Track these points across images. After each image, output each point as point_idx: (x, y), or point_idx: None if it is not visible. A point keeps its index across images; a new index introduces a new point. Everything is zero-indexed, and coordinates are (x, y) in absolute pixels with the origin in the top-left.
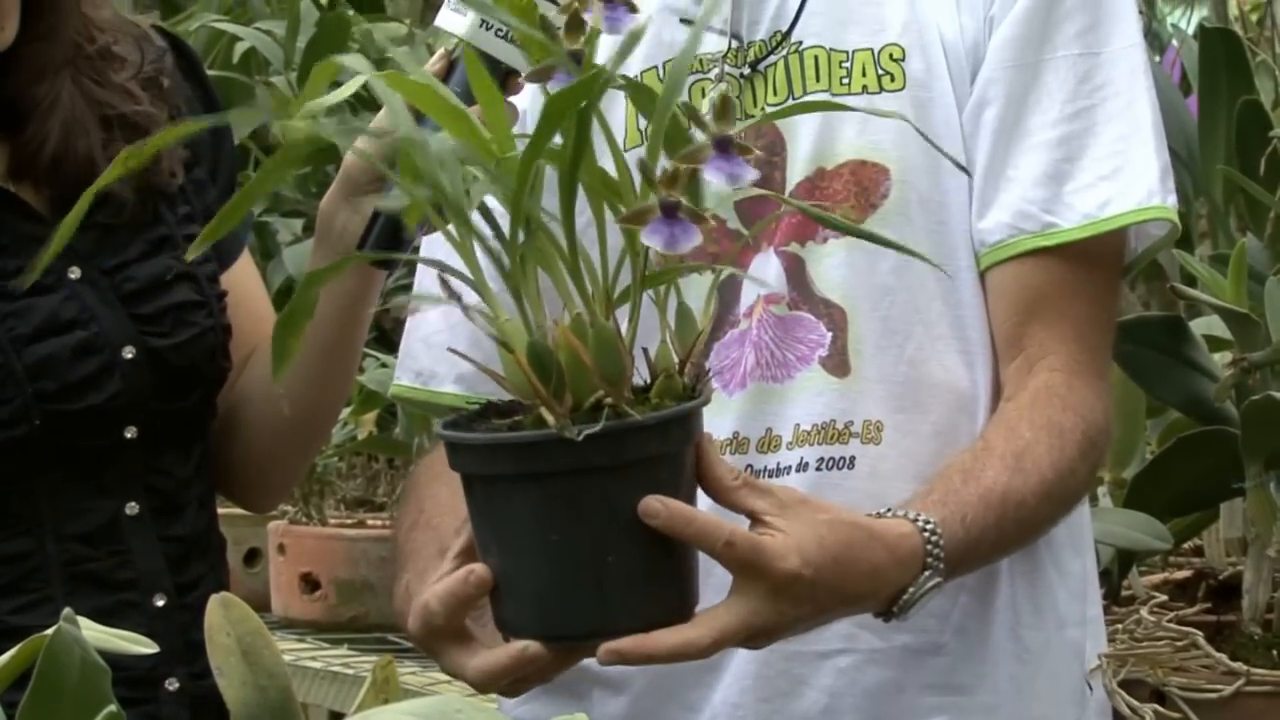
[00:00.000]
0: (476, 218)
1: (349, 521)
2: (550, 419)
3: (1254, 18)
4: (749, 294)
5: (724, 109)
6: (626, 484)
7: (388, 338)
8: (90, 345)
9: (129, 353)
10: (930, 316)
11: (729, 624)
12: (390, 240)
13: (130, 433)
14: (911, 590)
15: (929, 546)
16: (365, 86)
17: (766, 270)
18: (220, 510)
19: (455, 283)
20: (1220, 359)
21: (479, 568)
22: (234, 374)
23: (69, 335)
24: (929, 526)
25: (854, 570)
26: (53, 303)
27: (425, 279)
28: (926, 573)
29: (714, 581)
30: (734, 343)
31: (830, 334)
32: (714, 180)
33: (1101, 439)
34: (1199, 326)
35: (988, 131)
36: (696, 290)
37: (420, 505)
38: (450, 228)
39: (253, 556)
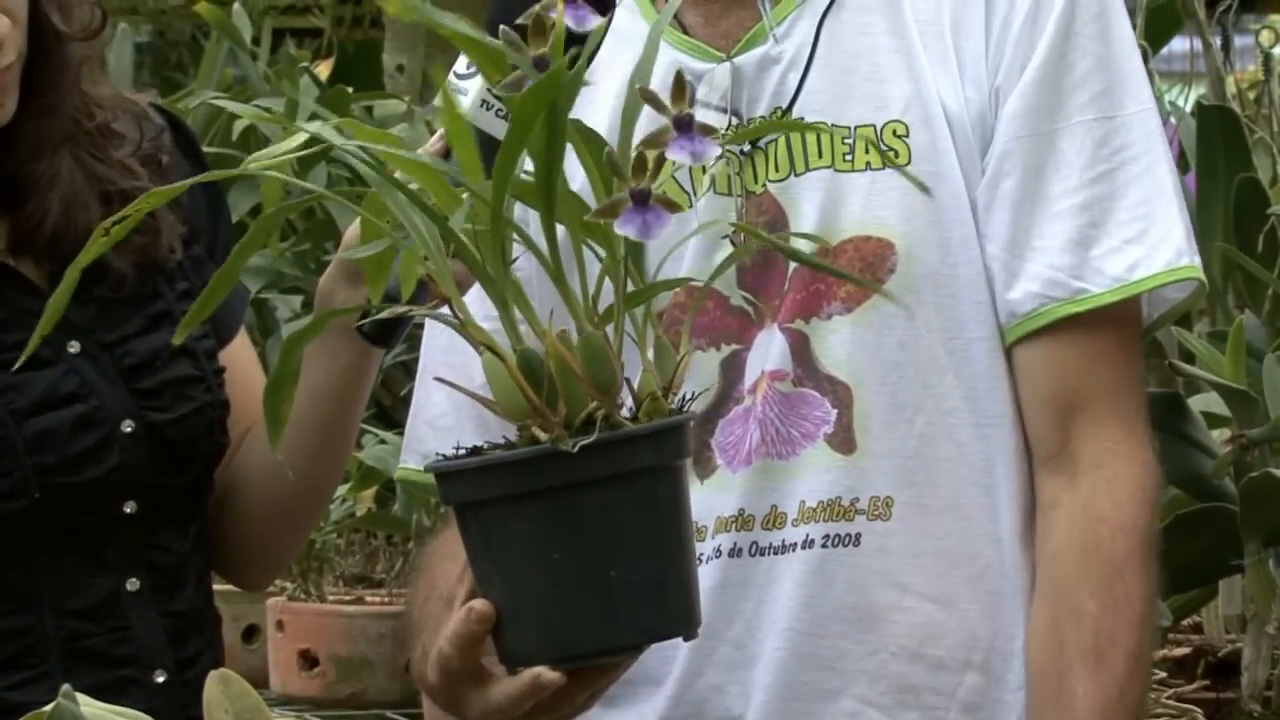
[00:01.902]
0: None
1: (348, 598)
2: (543, 436)
3: (1251, 95)
4: (753, 370)
5: (679, 89)
6: (624, 497)
7: (387, 414)
8: (89, 419)
9: (128, 427)
10: (941, 390)
11: None
12: (388, 321)
13: (129, 507)
14: None
15: None
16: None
17: (770, 347)
18: (218, 586)
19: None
20: (1219, 436)
21: (478, 603)
22: (230, 450)
23: (68, 409)
24: None
25: None
26: (52, 376)
27: (429, 360)
28: None
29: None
30: (738, 419)
31: (835, 411)
32: (678, 159)
33: (1149, 495)
34: (1197, 403)
35: (1007, 204)
36: (702, 369)
37: (432, 582)
38: (427, 259)
39: (251, 633)
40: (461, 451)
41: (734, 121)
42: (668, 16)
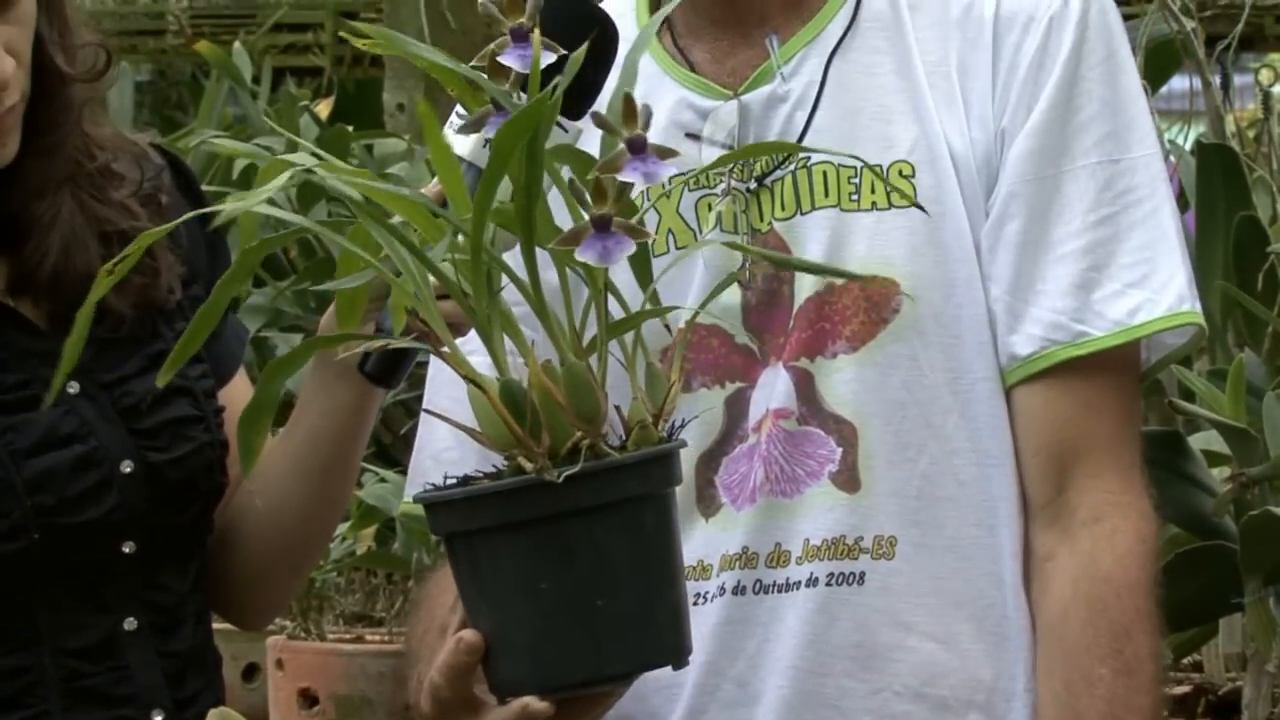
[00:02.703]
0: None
1: (348, 637)
2: (528, 466)
3: (1251, 134)
4: (758, 408)
5: (628, 109)
6: (611, 526)
7: (387, 452)
8: (89, 460)
9: (127, 467)
10: (946, 430)
11: None
12: (390, 361)
13: (128, 547)
14: None
15: None
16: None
17: (775, 385)
18: (217, 625)
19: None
20: (1219, 474)
21: (467, 633)
22: (230, 490)
23: (68, 449)
24: None
25: None
26: (52, 417)
27: (434, 393)
28: None
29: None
30: (742, 457)
31: (840, 450)
32: (631, 180)
33: (1150, 559)
34: (1197, 441)
35: (1011, 246)
36: (707, 406)
37: (431, 613)
38: (410, 285)
39: (251, 672)
40: (451, 481)
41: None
42: (648, 34)
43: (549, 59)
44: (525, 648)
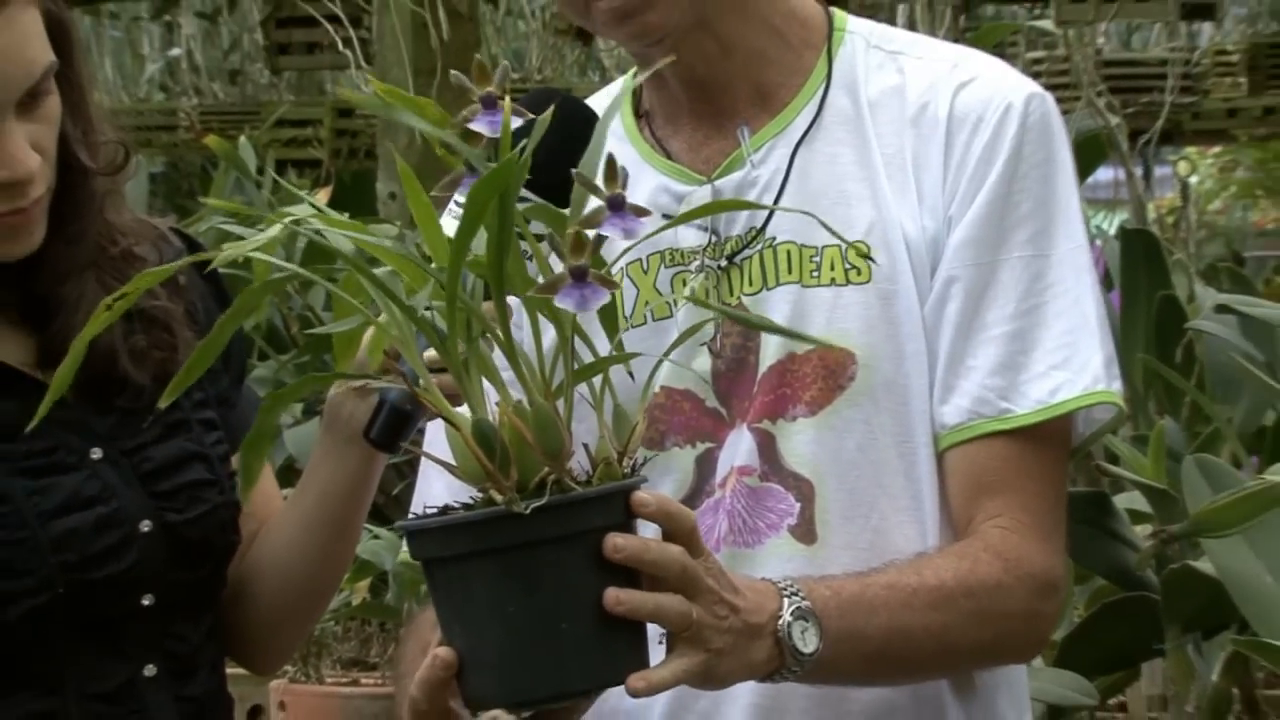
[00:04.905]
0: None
1: (345, 680)
2: (498, 498)
3: (1170, 220)
4: (724, 466)
5: (611, 171)
6: (575, 554)
7: (380, 511)
8: (110, 520)
9: (146, 527)
10: (894, 490)
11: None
12: (395, 427)
13: (147, 600)
14: (783, 616)
15: (781, 586)
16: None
17: (740, 445)
18: (226, 670)
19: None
20: (1141, 531)
21: (441, 650)
22: (243, 547)
23: (90, 511)
24: (785, 582)
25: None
26: (76, 481)
27: (430, 447)
28: (787, 600)
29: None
30: (709, 511)
31: (799, 505)
32: (610, 234)
33: (1033, 581)
34: (1122, 501)
35: (949, 325)
36: (679, 464)
37: (419, 636)
38: (394, 329)
39: (256, 713)
40: (431, 511)
41: (713, 239)
42: (615, 108)
43: (516, 123)
44: (494, 665)
